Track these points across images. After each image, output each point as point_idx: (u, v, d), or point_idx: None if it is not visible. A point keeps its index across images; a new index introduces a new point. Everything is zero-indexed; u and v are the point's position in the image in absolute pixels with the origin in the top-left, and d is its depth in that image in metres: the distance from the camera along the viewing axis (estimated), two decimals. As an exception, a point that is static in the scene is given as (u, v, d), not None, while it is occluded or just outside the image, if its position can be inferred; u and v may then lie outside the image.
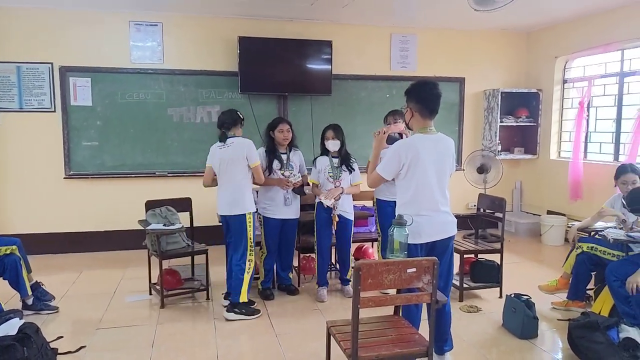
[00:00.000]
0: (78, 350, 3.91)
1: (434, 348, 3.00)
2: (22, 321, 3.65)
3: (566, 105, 7.58)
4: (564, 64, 7.55)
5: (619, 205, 4.67)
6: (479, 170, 7.37)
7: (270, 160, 4.93)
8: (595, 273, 4.67)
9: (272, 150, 4.97)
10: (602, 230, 4.56)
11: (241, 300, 4.53)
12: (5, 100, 6.43)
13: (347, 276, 5.14)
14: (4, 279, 4.54)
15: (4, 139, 6.48)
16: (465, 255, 4.97)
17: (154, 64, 6.79)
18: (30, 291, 4.59)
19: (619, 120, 6.64)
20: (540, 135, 7.82)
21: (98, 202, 6.77)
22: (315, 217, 5.06)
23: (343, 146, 4.99)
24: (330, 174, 4.97)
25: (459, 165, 7.45)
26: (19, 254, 4.55)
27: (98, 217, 6.78)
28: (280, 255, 5.13)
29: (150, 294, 5.14)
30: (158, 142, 6.89)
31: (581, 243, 4.67)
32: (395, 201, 3.49)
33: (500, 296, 4.94)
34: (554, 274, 5.29)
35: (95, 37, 6.61)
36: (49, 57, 6.49)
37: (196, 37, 6.91)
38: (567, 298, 4.73)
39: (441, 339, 3.50)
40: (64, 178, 6.64)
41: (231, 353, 3.93)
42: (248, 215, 4.53)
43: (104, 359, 3.85)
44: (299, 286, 5.34)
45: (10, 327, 3.50)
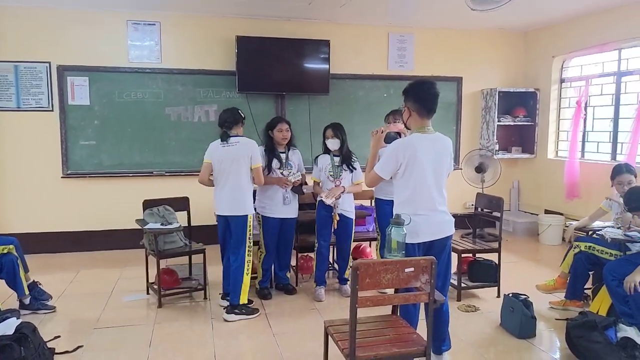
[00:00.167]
0: (75, 349, 3.90)
1: (431, 348, 3.00)
2: (19, 321, 3.64)
3: (563, 104, 7.59)
4: (561, 64, 7.56)
5: (616, 204, 4.68)
6: (477, 169, 7.37)
7: (270, 160, 4.93)
8: (593, 272, 4.68)
9: (271, 150, 4.97)
10: (600, 230, 4.57)
11: (241, 302, 4.53)
12: (2, 100, 6.41)
13: (346, 275, 5.14)
14: (1, 278, 4.52)
15: (1, 139, 6.47)
16: (463, 255, 4.97)
17: (151, 63, 6.78)
18: (28, 291, 4.57)
19: (616, 120, 6.65)
20: (538, 134, 7.82)
21: (96, 202, 6.75)
22: (316, 216, 5.07)
23: (344, 145, 4.97)
24: (331, 173, 4.97)
25: (457, 165, 7.45)
26: (16, 253, 4.53)
27: (95, 217, 6.77)
28: (278, 254, 5.13)
29: (148, 293, 5.14)
30: (156, 142, 6.88)
31: (579, 242, 4.67)
32: (393, 200, 3.50)
33: (498, 296, 4.94)
34: (552, 273, 5.29)
35: (93, 37, 6.59)
36: (46, 56, 6.47)
37: (194, 37, 6.90)
38: (565, 297, 4.73)
39: (439, 339, 3.50)
40: (62, 177, 6.63)
41: (229, 353, 3.93)
42: (249, 217, 4.54)
43: (101, 358, 3.84)
44: (296, 285, 5.34)
45: (8, 327, 3.49)
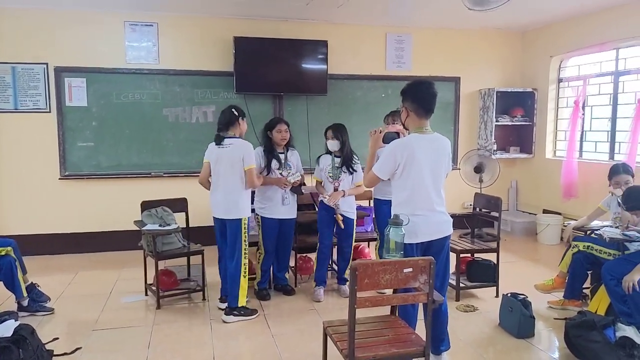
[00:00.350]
0: (74, 351, 3.89)
1: (430, 348, 3.00)
2: (18, 323, 3.63)
3: (561, 104, 7.59)
4: (559, 63, 7.56)
5: (614, 204, 4.69)
6: (475, 169, 7.37)
7: (269, 160, 4.92)
8: (592, 272, 4.69)
9: (270, 150, 4.97)
10: (598, 229, 4.57)
11: (240, 305, 4.52)
12: (0, 101, 6.40)
13: (345, 275, 5.13)
14: (-1, 280, 4.52)
15: (-2, 140, 6.48)
16: (461, 255, 4.98)
17: (149, 64, 6.77)
18: (26, 292, 4.56)
19: (614, 119, 6.66)
20: (536, 134, 7.83)
21: (94, 203, 6.74)
22: (317, 216, 5.09)
23: (344, 146, 4.96)
24: (330, 174, 4.97)
25: (455, 165, 7.46)
26: (14, 255, 4.52)
27: (94, 218, 6.76)
28: (277, 255, 5.12)
29: (146, 294, 5.13)
30: (154, 143, 6.87)
31: (577, 242, 4.68)
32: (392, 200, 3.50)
33: (497, 295, 4.94)
34: (550, 272, 5.30)
35: (90, 38, 6.58)
36: (44, 58, 6.46)
37: (191, 37, 6.89)
38: (564, 297, 4.73)
39: (438, 339, 3.50)
40: (59, 179, 6.61)
41: (228, 354, 3.92)
42: (244, 220, 4.50)
43: (99, 360, 3.84)
44: (295, 286, 5.33)
45: (6, 329, 3.48)
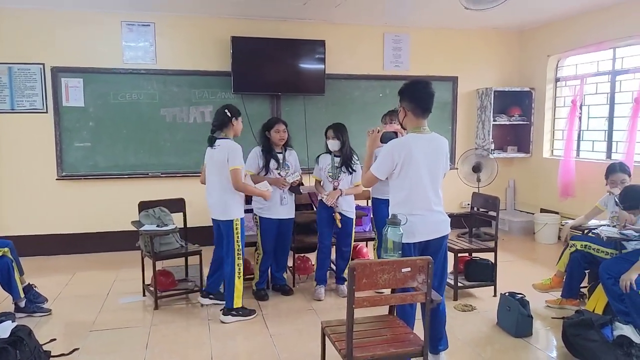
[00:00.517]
0: (71, 352, 3.88)
1: (428, 347, 2.99)
2: (15, 324, 3.62)
3: (559, 103, 7.60)
4: (556, 63, 7.57)
5: (612, 203, 4.69)
6: (473, 169, 7.38)
7: (267, 160, 4.92)
8: (589, 271, 4.69)
9: (269, 150, 4.96)
10: (596, 228, 4.58)
11: (235, 306, 4.50)
12: (-4, 102, 6.40)
13: (344, 274, 5.13)
14: (-5, 281, 4.51)
15: (-5, 141, 6.46)
16: (459, 254, 4.98)
17: (146, 64, 6.76)
18: (23, 293, 4.55)
19: (611, 119, 6.67)
20: (533, 133, 7.83)
21: (91, 204, 6.73)
22: (317, 216, 5.09)
23: (344, 146, 4.97)
24: (330, 174, 4.98)
25: (453, 164, 7.46)
26: (11, 256, 4.51)
27: (91, 219, 6.74)
28: (275, 255, 5.12)
29: (144, 295, 5.12)
30: (151, 143, 6.86)
31: (575, 241, 4.68)
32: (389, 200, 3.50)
33: (495, 295, 4.94)
34: (548, 272, 5.31)
35: (87, 38, 6.57)
36: (40, 58, 6.44)
37: (189, 37, 6.88)
38: (561, 296, 4.73)
39: (436, 338, 3.50)
40: (57, 179, 6.60)
41: (225, 354, 3.92)
42: (236, 221, 4.45)
43: (97, 361, 3.83)
44: (293, 286, 5.33)
45: (3, 330, 3.47)
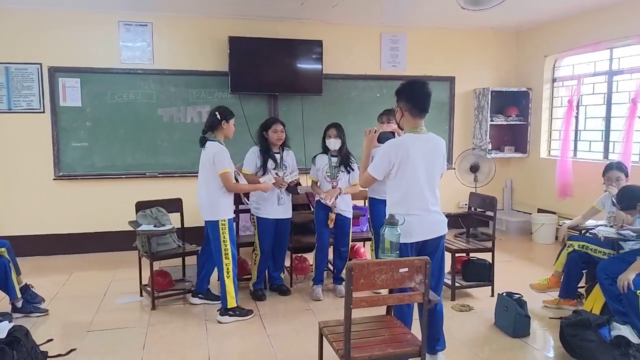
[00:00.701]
0: (68, 353, 3.87)
1: (426, 348, 2.99)
2: (12, 324, 3.61)
3: (556, 104, 7.61)
4: (553, 63, 7.58)
5: (609, 203, 4.70)
6: (471, 169, 7.38)
7: (265, 160, 4.91)
8: (587, 271, 4.70)
9: (266, 151, 4.96)
10: (593, 228, 4.59)
11: (229, 307, 4.50)
12: (-7, 101, 6.38)
13: (342, 274, 5.12)
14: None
15: (-8, 140, 6.44)
16: (456, 254, 4.97)
17: (143, 64, 6.75)
18: (20, 294, 4.54)
19: (608, 119, 6.68)
20: (530, 133, 7.84)
21: (88, 204, 6.72)
22: (314, 216, 5.09)
23: (344, 146, 4.99)
24: (328, 173, 4.97)
25: (450, 164, 7.46)
26: (7, 256, 4.50)
27: (88, 219, 6.73)
28: (273, 255, 5.11)
29: (141, 295, 5.11)
30: (148, 143, 6.85)
31: (572, 241, 4.69)
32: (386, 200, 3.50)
33: (492, 295, 4.95)
34: (545, 272, 5.31)
35: (85, 37, 6.55)
36: (37, 58, 6.43)
37: (186, 37, 6.87)
38: (559, 296, 4.74)
39: (433, 339, 3.50)
40: (54, 179, 6.59)
41: (223, 354, 3.92)
42: (222, 222, 4.43)
43: (94, 361, 3.82)
44: (291, 286, 5.33)
45: (0, 331, 3.47)
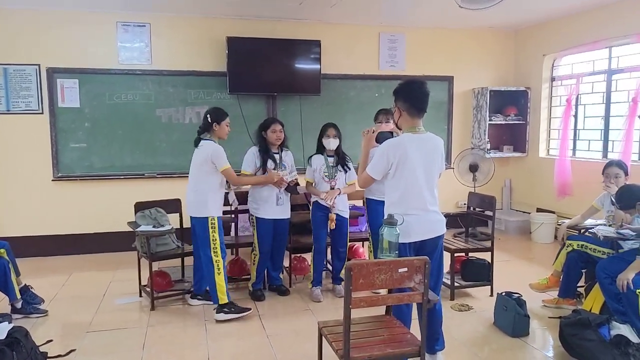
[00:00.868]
0: (68, 353, 3.87)
1: (425, 347, 2.99)
2: (11, 325, 3.60)
3: (555, 103, 7.61)
4: (552, 62, 7.58)
5: (608, 202, 4.70)
6: (470, 169, 7.38)
7: (264, 160, 4.91)
8: (586, 270, 4.70)
9: (266, 151, 4.96)
10: (592, 228, 4.58)
11: (221, 303, 4.50)
12: (-8, 102, 6.37)
13: (341, 275, 5.11)
14: (-9, 282, 4.49)
15: (-10, 142, 6.43)
16: (455, 254, 4.96)
17: (142, 64, 6.74)
18: (19, 294, 4.53)
19: (607, 118, 6.68)
20: (529, 133, 7.84)
21: (87, 204, 6.71)
22: (311, 217, 5.07)
23: (340, 145, 5.00)
24: (326, 174, 4.96)
25: (449, 164, 7.46)
26: (7, 257, 4.50)
27: (87, 219, 6.72)
28: (271, 255, 5.11)
29: (140, 296, 5.11)
30: (147, 143, 6.85)
31: (571, 241, 4.69)
32: (384, 200, 3.49)
33: (491, 294, 4.96)
34: (544, 271, 5.31)
35: (83, 38, 6.55)
36: (35, 59, 6.42)
37: (184, 38, 6.86)
38: (558, 296, 4.74)
39: (432, 338, 3.50)
40: (52, 180, 6.58)
41: (222, 354, 3.91)
42: (211, 219, 4.46)
43: (94, 362, 3.82)
44: (290, 286, 5.32)
45: (-1, 332, 3.47)
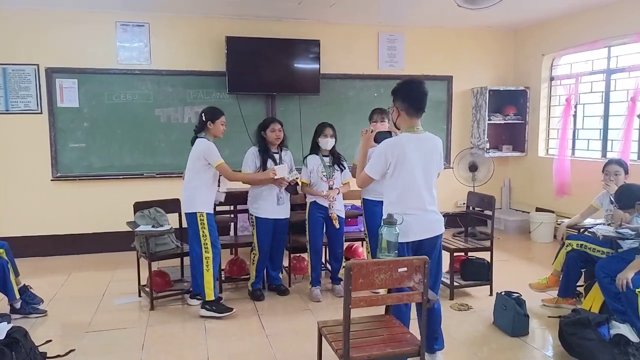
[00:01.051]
0: (67, 354, 3.87)
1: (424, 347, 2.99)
2: (10, 325, 3.59)
3: (554, 102, 7.62)
4: (551, 62, 7.58)
5: (607, 201, 4.70)
6: (469, 168, 7.38)
7: (264, 160, 4.91)
8: (585, 270, 4.70)
9: (265, 150, 4.96)
10: (591, 227, 4.59)
11: (208, 299, 4.51)
12: (-10, 102, 6.36)
13: (339, 275, 5.12)
14: (-10, 282, 4.48)
15: (-11, 142, 6.42)
16: (455, 254, 4.96)
17: (141, 64, 6.74)
18: (18, 295, 4.53)
19: (606, 117, 6.68)
20: (529, 132, 7.84)
21: (86, 204, 6.70)
22: (307, 217, 5.06)
23: (335, 145, 5.02)
24: (324, 173, 4.96)
25: (448, 164, 7.46)
26: (6, 257, 4.50)
27: (86, 219, 6.72)
28: (271, 255, 5.11)
29: (140, 296, 5.11)
30: (146, 143, 6.84)
31: (570, 240, 4.69)
32: (382, 201, 3.49)
33: (491, 294, 4.95)
34: (544, 270, 5.32)
35: (82, 38, 6.54)
36: (34, 59, 6.41)
37: (183, 38, 6.86)
38: (558, 295, 4.74)
39: (432, 338, 3.50)
40: (51, 180, 6.57)
41: (221, 354, 3.91)
42: (199, 215, 4.49)
43: (93, 362, 3.82)
44: (289, 286, 5.32)
45: (-2, 332, 3.47)
